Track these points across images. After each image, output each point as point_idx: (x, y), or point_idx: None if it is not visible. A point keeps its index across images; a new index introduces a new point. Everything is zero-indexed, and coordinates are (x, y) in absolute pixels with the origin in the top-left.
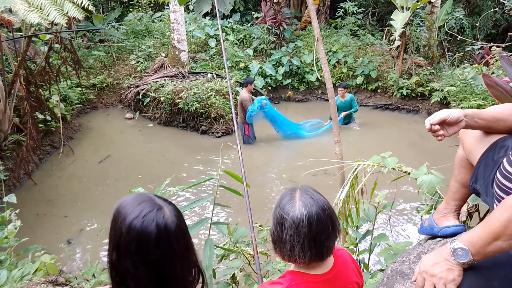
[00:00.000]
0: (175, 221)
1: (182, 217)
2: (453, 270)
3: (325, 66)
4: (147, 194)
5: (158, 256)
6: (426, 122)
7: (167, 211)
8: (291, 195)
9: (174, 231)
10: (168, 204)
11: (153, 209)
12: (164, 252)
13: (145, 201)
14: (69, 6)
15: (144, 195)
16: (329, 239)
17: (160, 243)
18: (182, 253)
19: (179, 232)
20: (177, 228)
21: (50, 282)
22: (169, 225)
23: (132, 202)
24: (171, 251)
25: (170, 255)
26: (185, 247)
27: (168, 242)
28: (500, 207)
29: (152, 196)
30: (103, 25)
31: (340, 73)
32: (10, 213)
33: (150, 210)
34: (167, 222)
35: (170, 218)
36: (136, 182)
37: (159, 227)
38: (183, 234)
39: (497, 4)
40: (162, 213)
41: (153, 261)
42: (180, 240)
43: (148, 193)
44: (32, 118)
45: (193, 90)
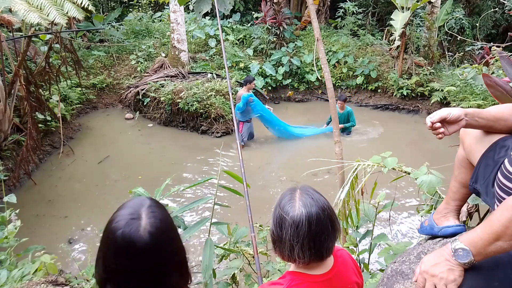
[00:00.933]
0: (144, 238)
1: (160, 237)
2: (454, 271)
3: (325, 66)
4: (141, 199)
5: (117, 268)
6: (427, 120)
7: (143, 224)
8: (291, 195)
9: (140, 248)
10: (151, 218)
11: (128, 218)
12: (124, 265)
13: (132, 206)
14: (69, 6)
15: (137, 201)
16: (329, 239)
17: (120, 254)
18: (148, 274)
19: (147, 251)
20: (144, 246)
21: (50, 282)
22: (133, 239)
23: (123, 207)
24: (133, 266)
25: (130, 270)
26: (154, 270)
27: (129, 256)
28: (501, 207)
29: (145, 202)
30: (103, 25)
31: (340, 73)
32: (10, 213)
33: (125, 217)
34: (132, 235)
35: (139, 233)
36: (137, 182)
37: (123, 238)
38: (153, 255)
39: (497, 4)
40: (133, 224)
41: (112, 271)
42: (146, 260)
43: (147, 198)
44: (32, 118)
45: (193, 90)
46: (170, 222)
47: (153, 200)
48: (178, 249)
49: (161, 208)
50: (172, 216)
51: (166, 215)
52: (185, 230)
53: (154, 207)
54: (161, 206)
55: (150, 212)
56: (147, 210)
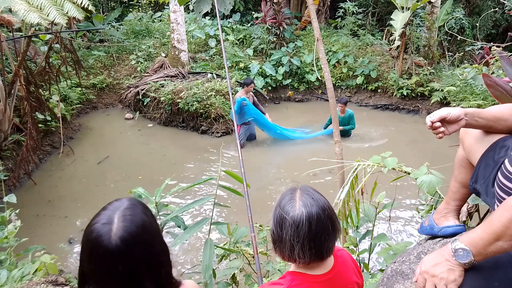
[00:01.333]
0: (113, 244)
1: (131, 241)
2: (454, 271)
3: (325, 66)
4: (119, 202)
5: (90, 270)
6: (427, 119)
7: (114, 229)
8: (291, 195)
9: (108, 253)
10: (123, 221)
11: (101, 222)
12: (96, 268)
13: (108, 210)
14: (69, 6)
15: (114, 205)
16: (329, 239)
17: (92, 258)
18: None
19: (115, 256)
20: (112, 251)
21: (50, 282)
22: (103, 244)
23: (102, 210)
24: (105, 270)
25: (103, 274)
26: (124, 274)
27: (100, 259)
28: (501, 207)
29: (121, 205)
30: (103, 25)
31: (340, 73)
32: (10, 213)
33: (99, 222)
34: (102, 240)
35: (110, 238)
36: (137, 182)
37: (95, 242)
38: (122, 259)
39: (497, 4)
40: (104, 229)
41: (87, 274)
42: (115, 264)
43: (124, 200)
44: (32, 118)
45: (193, 90)
46: (146, 226)
47: (133, 202)
48: (154, 253)
49: (140, 210)
50: (172, 216)
51: (142, 219)
52: (185, 230)
53: (130, 210)
54: (141, 209)
55: (123, 215)
56: (121, 213)
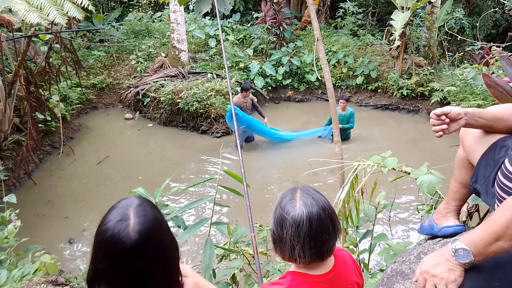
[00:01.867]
0: (132, 239)
1: (148, 236)
2: (455, 271)
3: (325, 66)
4: (130, 200)
5: (106, 267)
6: (431, 114)
7: (131, 225)
8: (291, 195)
9: (128, 248)
10: (138, 217)
11: (116, 220)
12: (113, 265)
13: (120, 208)
14: (69, 6)
15: (126, 202)
16: (330, 239)
17: (109, 255)
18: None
19: (134, 251)
20: (132, 246)
21: (50, 282)
22: (121, 240)
23: (113, 208)
24: (122, 266)
25: (119, 270)
26: (141, 270)
27: (119, 256)
28: (502, 207)
29: (133, 203)
30: (103, 25)
31: (340, 73)
32: (10, 213)
33: (113, 220)
34: (121, 236)
35: (128, 234)
36: (137, 182)
37: (112, 238)
38: (140, 255)
39: (497, 4)
40: (121, 226)
41: (101, 271)
42: (133, 260)
43: (136, 197)
44: (32, 118)
45: (193, 90)
46: (159, 221)
47: (142, 199)
48: (168, 247)
49: (150, 207)
50: (172, 216)
51: (155, 214)
52: (185, 230)
53: (143, 207)
54: (151, 205)
55: (138, 212)
56: (135, 210)
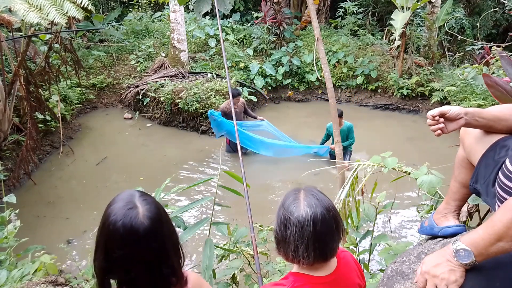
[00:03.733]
0: (145, 223)
1: (158, 220)
2: (455, 271)
3: (325, 66)
4: (131, 192)
5: (121, 256)
6: (427, 114)
7: (141, 212)
8: (295, 196)
9: (142, 233)
10: (145, 205)
11: (125, 208)
12: (128, 252)
13: (124, 199)
14: (69, 5)
15: (127, 193)
16: (333, 240)
17: (123, 243)
18: (149, 257)
19: (149, 235)
20: (146, 231)
21: (50, 282)
22: (135, 226)
23: (117, 198)
24: (137, 252)
25: (133, 257)
26: (156, 252)
27: (133, 242)
28: (503, 208)
29: (135, 193)
30: (103, 25)
31: (340, 73)
32: (9, 213)
33: (122, 208)
34: (133, 223)
35: (139, 219)
36: (138, 183)
37: (124, 227)
38: (155, 237)
39: (497, 4)
40: (132, 213)
41: (115, 260)
42: (149, 243)
43: (135, 190)
44: (32, 118)
45: (193, 90)
46: (162, 208)
47: (140, 191)
48: (173, 231)
49: (150, 196)
50: (172, 216)
51: (156, 202)
52: (185, 230)
53: (145, 196)
54: (149, 195)
55: (143, 200)
56: (140, 199)
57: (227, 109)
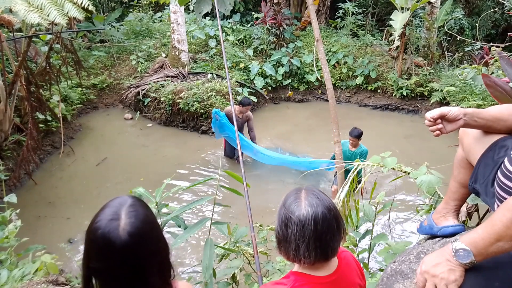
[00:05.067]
0: (122, 238)
1: (139, 236)
2: (455, 271)
3: (325, 67)
4: (123, 199)
5: (98, 266)
6: (426, 115)
7: (122, 225)
8: (296, 195)
9: (119, 248)
10: (129, 218)
11: (108, 218)
12: (104, 264)
13: (113, 206)
14: (70, 6)
15: (119, 201)
16: (334, 239)
17: (100, 254)
18: (125, 274)
19: (126, 251)
20: (122, 246)
21: (50, 282)
22: (112, 240)
23: (105, 207)
24: (113, 265)
25: (110, 269)
26: (132, 270)
27: (109, 255)
28: (503, 207)
29: (126, 202)
30: (104, 25)
31: (340, 73)
32: (10, 213)
33: (106, 218)
34: (111, 236)
35: (118, 233)
36: (138, 184)
37: (103, 238)
38: (132, 254)
39: (496, 5)
40: (112, 225)
41: (94, 270)
42: (124, 260)
43: (129, 197)
44: (32, 118)
45: (193, 90)
46: (151, 222)
47: (135, 199)
48: (158, 249)
49: (142, 207)
50: (172, 216)
51: (147, 215)
52: (185, 230)
53: (135, 207)
54: (143, 206)
55: (129, 212)
56: (127, 210)
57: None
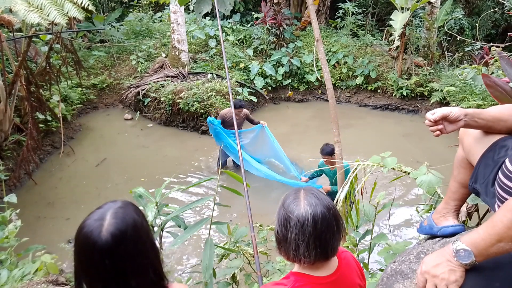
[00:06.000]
0: (102, 239)
1: (120, 238)
2: (455, 271)
3: (324, 67)
4: (114, 203)
5: (82, 266)
6: (427, 115)
7: (105, 225)
8: (295, 195)
9: (98, 248)
10: (113, 218)
11: (94, 218)
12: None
13: (103, 208)
14: (70, 6)
15: (110, 204)
16: (334, 239)
17: (83, 253)
18: (104, 275)
19: (104, 252)
20: (101, 246)
21: (50, 282)
22: (92, 239)
23: (101, 206)
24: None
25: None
26: (110, 271)
27: (90, 255)
28: (504, 208)
29: (115, 205)
30: (104, 25)
31: (340, 73)
32: (10, 213)
33: (91, 219)
34: (92, 235)
35: (98, 233)
36: (139, 184)
37: (84, 237)
38: (110, 255)
39: (496, 5)
40: (95, 225)
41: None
42: (102, 260)
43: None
44: (32, 118)
45: (193, 90)
46: (138, 225)
47: (127, 203)
48: (142, 251)
49: (132, 210)
50: (172, 216)
51: (133, 217)
52: (185, 230)
53: (123, 209)
54: (134, 209)
55: (116, 213)
56: (114, 211)
57: (227, 116)
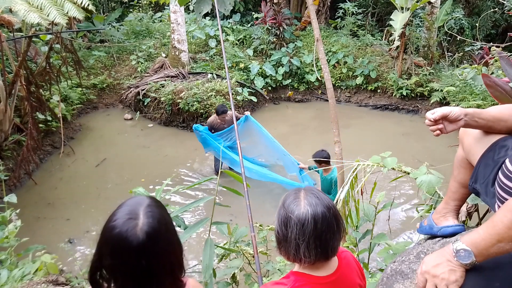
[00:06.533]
0: (140, 238)
1: (154, 237)
2: (456, 271)
3: (324, 67)
4: (141, 199)
5: (111, 264)
6: (427, 115)
7: (140, 224)
8: (295, 195)
9: (135, 247)
10: (147, 218)
11: (126, 217)
12: (118, 262)
13: (131, 205)
14: (70, 6)
15: (136, 200)
16: (334, 238)
17: (115, 252)
18: (137, 273)
19: (141, 251)
20: (139, 245)
21: (50, 282)
22: (129, 239)
23: (122, 205)
24: (127, 264)
25: (123, 267)
26: (145, 269)
27: (124, 254)
28: (504, 208)
29: (143, 202)
30: (104, 25)
31: (340, 73)
32: (10, 213)
33: (123, 217)
34: (128, 235)
35: (136, 233)
36: (139, 184)
37: (119, 236)
38: (146, 254)
39: (496, 5)
40: (130, 224)
41: (106, 267)
42: (139, 259)
43: (144, 197)
44: (32, 118)
45: (193, 90)
46: (168, 223)
47: (152, 199)
48: (173, 250)
49: (160, 208)
50: (172, 216)
51: (164, 216)
52: (185, 230)
53: (152, 207)
54: (160, 206)
55: (148, 212)
56: (145, 209)
57: (215, 124)
